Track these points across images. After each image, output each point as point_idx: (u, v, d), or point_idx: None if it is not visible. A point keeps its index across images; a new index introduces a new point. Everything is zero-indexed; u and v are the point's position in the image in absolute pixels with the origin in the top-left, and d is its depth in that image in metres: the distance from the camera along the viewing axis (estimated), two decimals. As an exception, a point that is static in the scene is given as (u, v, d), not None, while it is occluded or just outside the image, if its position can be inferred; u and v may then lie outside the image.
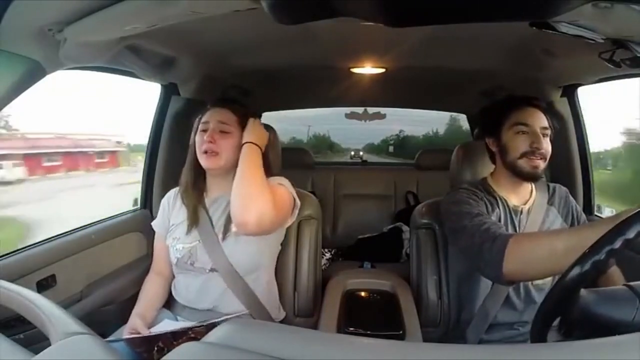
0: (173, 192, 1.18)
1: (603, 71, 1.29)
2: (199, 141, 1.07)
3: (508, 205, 1.08)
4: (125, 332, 1.00)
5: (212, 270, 1.05)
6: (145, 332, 0.98)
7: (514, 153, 1.06)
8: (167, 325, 1.02)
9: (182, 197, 1.13)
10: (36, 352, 0.45)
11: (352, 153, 3.68)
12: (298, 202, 1.10)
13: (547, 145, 1.04)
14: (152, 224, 1.19)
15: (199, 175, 1.12)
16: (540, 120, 1.05)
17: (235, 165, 1.03)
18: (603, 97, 1.56)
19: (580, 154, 1.57)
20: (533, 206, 1.09)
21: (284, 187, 1.07)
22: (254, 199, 0.94)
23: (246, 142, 1.03)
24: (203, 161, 1.06)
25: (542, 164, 1.03)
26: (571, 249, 0.71)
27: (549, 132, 1.05)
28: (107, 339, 0.94)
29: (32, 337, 0.76)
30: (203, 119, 1.09)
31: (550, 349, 0.44)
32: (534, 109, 1.06)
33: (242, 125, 1.07)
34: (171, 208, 1.16)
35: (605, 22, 0.71)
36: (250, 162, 1.00)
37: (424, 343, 0.96)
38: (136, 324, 1.00)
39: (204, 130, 1.07)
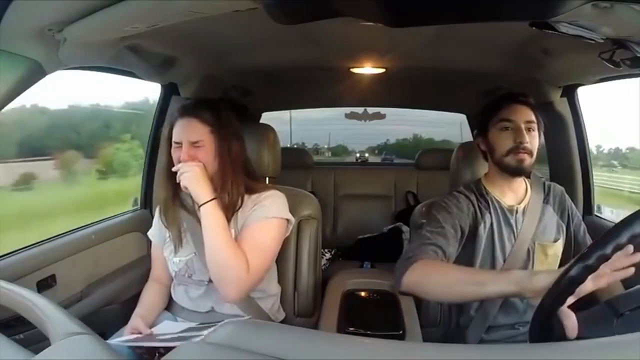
0: None
1: (603, 71, 1.29)
2: (175, 159, 1.01)
3: (502, 207, 1.09)
4: (126, 332, 1.00)
5: (210, 282, 1.03)
6: (147, 332, 0.97)
7: (500, 150, 1.07)
8: (168, 326, 1.02)
9: (162, 217, 1.08)
10: (36, 352, 0.45)
11: (358, 155, 4.21)
12: (292, 219, 1.07)
13: (532, 140, 1.04)
14: (148, 233, 1.16)
15: (178, 187, 1.03)
16: (524, 115, 1.05)
17: (216, 171, 1.01)
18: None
19: (580, 154, 1.56)
20: (529, 205, 1.09)
21: (269, 222, 1.01)
22: (226, 270, 0.94)
23: (200, 206, 0.96)
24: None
25: (528, 158, 1.04)
26: (460, 281, 0.81)
27: (534, 126, 1.05)
28: (111, 340, 0.93)
29: (32, 337, 0.76)
30: (174, 137, 1.01)
31: (550, 349, 0.44)
32: (518, 105, 1.06)
33: (215, 134, 1.01)
34: None
35: (605, 22, 0.71)
36: (211, 230, 0.95)
37: (424, 343, 0.96)
38: (138, 324, 0.99)
39: (178, 148, 1.00)
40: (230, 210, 1.02)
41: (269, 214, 1.02)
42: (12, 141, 1.58)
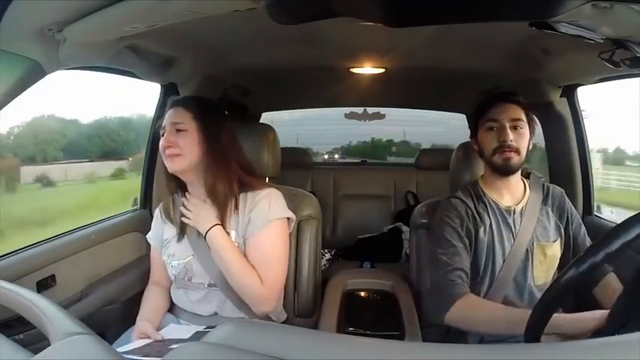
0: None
1: (603, 71, 1.29)
2: (161, 147, 1.01)
3: (499, 208, 1.09)
4: (134, 336, 0.99)
5: (210, 285, 1.02)
6: (156, 337, 0.96)
7: (487, 150, 1.08)
8: (175, 329, 1.02)
9: (162, 214, 1.10)
10: (36, 352, 0.45)
11: (326, 156, 3.99)
12: (292, 216, 1.07)
13: (519, 138, 1.05)
14: (147, 236, 1.16)
15: (177, 185, 1.06)
16: (510, 114, 1.06)
17: (201, 159, 1.00)
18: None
19: (579, 154, 1.56)
20: (526, 206, 1.09)
21: (271, 227, 1.01)
22: (242, 289, 0.98)
23: (205, 233, 0.99)
24: (168, 166, 1.01)
25: (515, 157, 1.04)
26: (509, 322, 0.88)
27: (522, 124, 1.06)
28: (122, 348, 0.91)
29: (32, 337, 0.76)
30: (162, 125, 1.04)
31: (549, 349, 0.44)
32: (504, 104, 1.07)
33: (198, 120, 1.01)
34: (164, 221, 1.12)
35: (605, 22, 0.71)
36: (217, 253, 0.98)
37: (424, 343, 0.96)
38: (146, 328, 0.98)
39: (163, 135, 1.02)
40: (224, 206, 1.01)
41: (270, 216, 1.01)
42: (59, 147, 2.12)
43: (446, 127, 3.19)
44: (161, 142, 1.01)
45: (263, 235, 1.00)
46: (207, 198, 1.01)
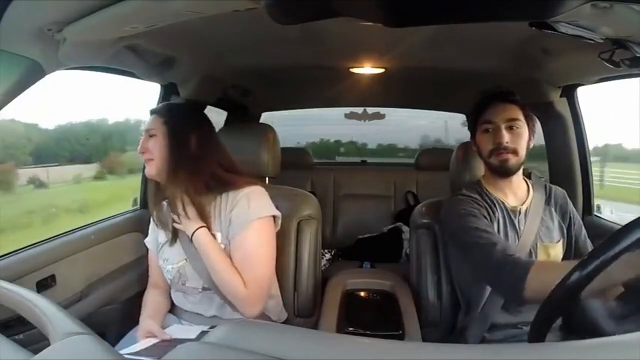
0: None
1: (603, 71, 1.29)
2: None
3: (506, 207, 1.09)
4: (139, 336, 0.98)
5: (204, 289, 1.02)
6: (164, 336, 0.96)
7: (484, 152, 1.08)
8: (179, 329, 1.02)
9: (155, 222, 1.09)
10: (36, 352, 0.45)
11: None
12: (277, 213, 1.04)
13: (516, 138, 1.04)
14: (145, 241, 1.16)
15: (161, 191, 1.07)
16: (506, 114, 1.05)
17: (173, 165, 1.00)
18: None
19: (579, 154, 1.57)
20: (531, 206, 1.09)
21: (253, 227, 0.98)
22: (226, 290, 0.98)
23: (191, 235, 0.99)
24: (146, 171, 1.04)
25: (512, 158, 1.04)
26: None
27: (519, 124, 1.05)
28: (125, 350, 0.91)
29: (32, 337, 0.76)
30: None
31: (550, 349, 0.44)
32: (500, 104, 1.07)
33: (167, 125, 1.02)
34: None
35: (605, 22, 0.71)
36: (207, 257, 0.97)
37: (424, 343, 0.96)
38: (151, 327, 0.98)
39: None
40: (201, 208, 1.00)
41: (250, 216, 0.99)
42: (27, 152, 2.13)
43: (402, 127, 3.21)
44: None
45: (245, 236, 0.98)
46: (188, 200, 1.00)
